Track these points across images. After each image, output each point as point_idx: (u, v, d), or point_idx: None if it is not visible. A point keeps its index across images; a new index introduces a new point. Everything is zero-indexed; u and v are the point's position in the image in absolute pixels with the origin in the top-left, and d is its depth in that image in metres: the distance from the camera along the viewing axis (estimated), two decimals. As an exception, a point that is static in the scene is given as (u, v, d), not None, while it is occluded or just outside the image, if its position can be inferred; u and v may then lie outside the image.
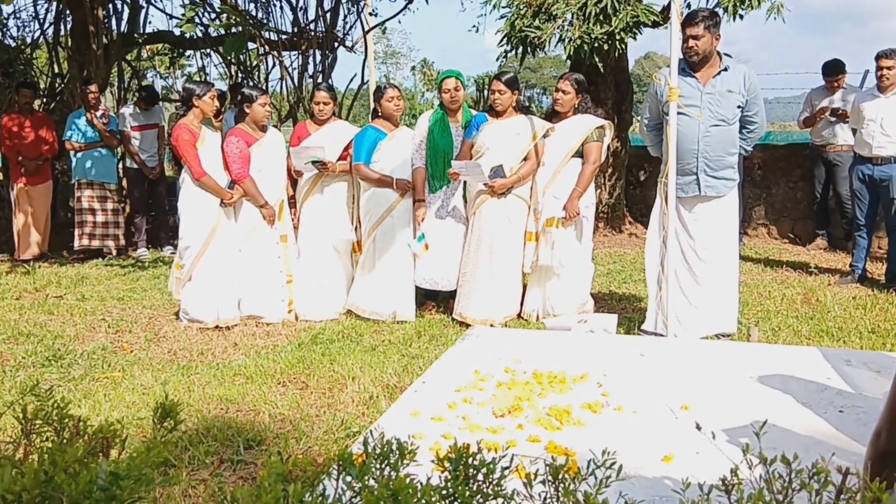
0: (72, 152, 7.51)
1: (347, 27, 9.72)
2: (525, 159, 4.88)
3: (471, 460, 1.07)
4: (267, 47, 8.70)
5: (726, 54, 4.28)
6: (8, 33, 9.48)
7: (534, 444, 2.70)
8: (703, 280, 4.36)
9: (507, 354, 3.77)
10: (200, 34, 9.24)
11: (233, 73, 10.18)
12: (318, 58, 9.44)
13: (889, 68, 5.70)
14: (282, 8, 11.82)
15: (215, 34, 9.23)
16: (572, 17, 6.90)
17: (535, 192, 4.97)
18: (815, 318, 4.91)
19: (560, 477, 1.07)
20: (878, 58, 5.78)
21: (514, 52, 7.32)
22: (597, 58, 6.83)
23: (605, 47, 6.78)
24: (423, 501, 0.96)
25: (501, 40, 7.33)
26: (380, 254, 5.12)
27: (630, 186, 8.73)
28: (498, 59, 7.65)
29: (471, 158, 4.92)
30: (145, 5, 9.66)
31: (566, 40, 6.92)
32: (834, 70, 7.04)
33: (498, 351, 3.85)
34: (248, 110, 5.06)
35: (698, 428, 2.01)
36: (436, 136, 5.04)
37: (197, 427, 3.17)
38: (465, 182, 5.07)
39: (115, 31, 9.38)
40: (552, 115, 5.12)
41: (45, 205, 7.54)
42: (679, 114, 4.15)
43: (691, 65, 4.22)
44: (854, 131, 6.10)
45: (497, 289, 4.91)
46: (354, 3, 9.57)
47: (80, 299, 5.83)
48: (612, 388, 3.28)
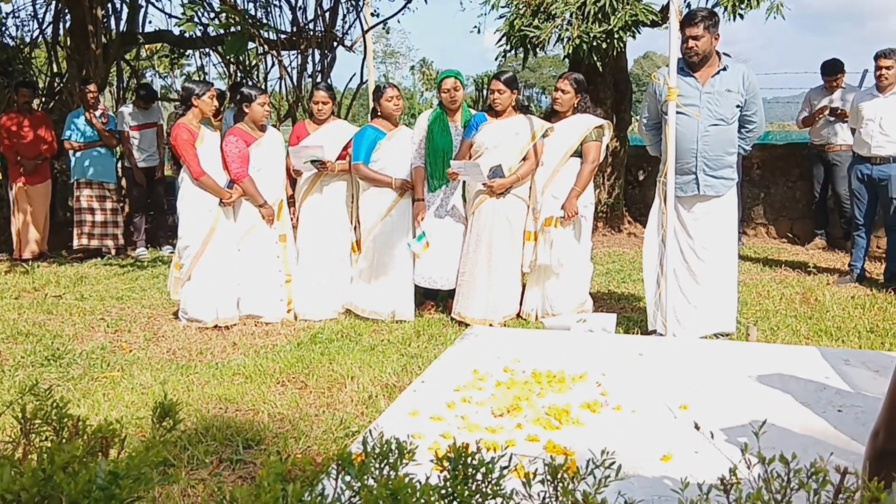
0: (70, 152, 7.51)
1: (346, 27, 9.73)
2: (524, 159, 4.88)
3: (470, 460, 1.07)
4: (266, 46, 8.69)
5: (725, 54, 4.28)
6: (7, 32, 9.48)
7: (533, 443, 2.70)
8: (701, 279, 4.37)
9: (506, 354, 3.77)
10: (199, 34, 9.23)
11: (232, 72, 10.17)
12: (318, 57, 9.44)
13: (888, 68, 5.71)
14: (281, 7, 11.83)
15: (214, 34, 9.22)
16: (571, 17, 6.91)
17: (534, 192, 4.98)
18: (814, 317, 4.91)
19: (559, 476, 1.07)
20: (877, 57, 5.78)
21: (513, 52, 7.33)
22: (595, 57, 6.83)
23: (604, 46, 6.79)
24: (423, 501, 0.96)
25: (500, 40, 7.33)
26: (379, 253, 5.12)
27: (629, 186, 8.73)
28: (497, 59, 7.65)
29: (470, 158, 4.92)
30: (144, 4, 9.67)
31: (565, 39, 6.92)
32: (833, 70, 7.04)
33: (497, 350, 3.85)
34: (246, 110, 5.07)
35: (697, 427, 2.01)
36: (435, 136, 5.04)
37: (196, 426, 3.17)
38: (464, 181, 5.07)
39: (114, 30, 9.38)
40: (551, 115, 5.13)
41: (44, 204, 7.54)
42: (678, 113, 4.15)
43: (690, 64, 4.22)
44: (853, 131, 6.10)
45: (496, 288, 4.91)
46: (354, 3, 9.57)
47: (78, 299, 5.83)
48: (610, 387, 3.28)
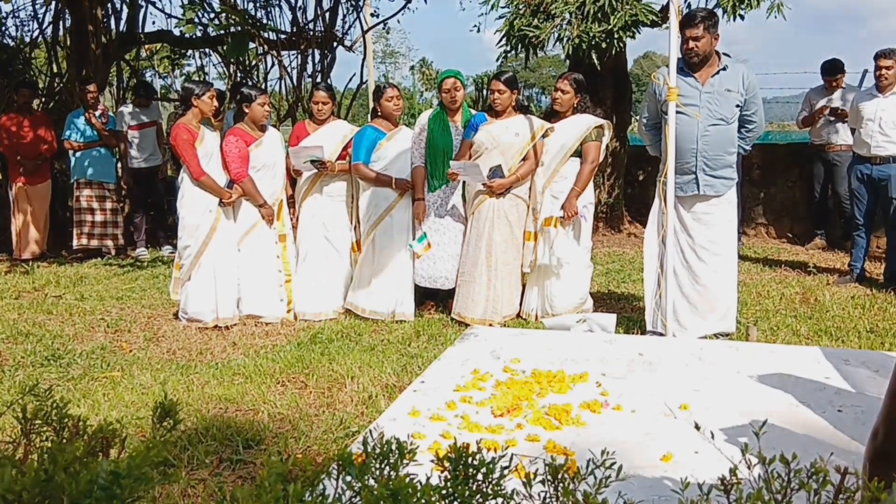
0: (70, 152, 7.51)
1: (346, 27, 9.73)
2: (524, 159, 4.88)
3: (470, 460, 1.07)
4: (266, 47, 8.69)
5: (725, 54, 4.28)
6: (6, 33, 9.48)
7: (533, 443, 2.70)
8: (701, 279, 4.37)
9: (506, 354, 3.77)
10: (199, 34, 9.23)
11: (232, 72, 10.17)
12: (317, 57, 9.44)
13: (888, 68, 5.71)
14: (280, 7, 11.83)
15: (214, 34, 9.22)
16: (571, 17, 6.90)
17: (534, 192, 4.98)
18: (814, 317, 4.91)
19: (559, 476, 1.07)
20: (877, 57, 5.78)
21: (513, 52, 7.32)
22: (595, 56, 6.83)
23: (604, 46, 6.79)
24: (423, 501, 0.96)
25: (500, 40, 7.33)
26: (379, 253, 5.12)
27: (629, 186, 8.73)
28: (498, 59, 7.65)
29: (470, 158, 4.92)
30: (144, 5, 9.66)
31: (564, 39, 6.92)
32: (833, 69, 7.04)
33: (497, 350, 3.85)
34: (246, 110, 5.07)
35: (697, 427, 2.01)
36: (435, 136, 5.04)
37: (196, 427, 3.17)
38: (464, 181, 5.07)
39: (113, 30, 9.38)
40: (551, 115, 5.13)
41: (43, 204, 7.54)
42: (678, 113, 4.15)
43: (690, 64, 4.22)
44: (853, 131, 6.10)
45: (496, 288, 4.91)
46: (354, 3, 9.57)
47: (78, 299, 5.83)
48: (610, 387, 3.28)
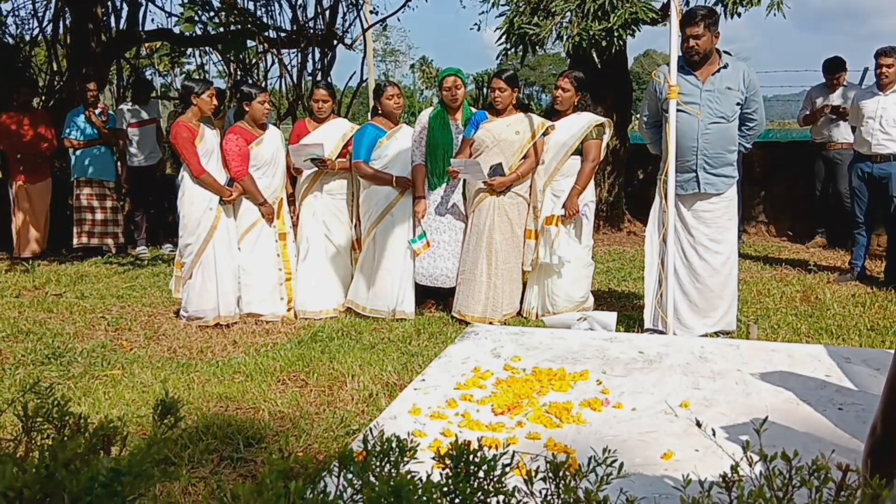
0: (70, 150, 7.51)
1: (346, 25, 9.73)
2: (524, 157, 4.88)
3: (471, 457, 1.07)
4: (266, 45, 8.68)
5: (726, 52, 4.28)
6: (7, 31, 9.48)
7: (534, 441, 2.70)
8: (702, 278, 4.37)
9: (506, 352, 3.77)
10: (199, 32, 9.22)
11: (232, 70, 10.17)
12: (318, 55, 9.44)
13: (888, 66, 5.71)
14: (281, 5, 11.81)
15: (214, 32, 9.22)
16: (571, 14, 6.90)
17: (535, 190, 4.98)
18: (815, 315, 4.91)
19: (560, 474, 1.07)
20: (878, 56, 5.78)
21: (513, 50, 7.31)
22: (595, 55, 6.82)
23: (604, 44, 6.78)
24: (425, 498, 0.96)
25: (500, 38, 7.32)
26: (379, 251, 5.12)
27: (629, 184, 8.73)
28: (498, 58, 7.64)
29: (470, 156, 4.92)
30: (144, 3, 9.66)
31: (564, 37, 6.91)
32: (834, 68, 7.04)
33: (498, 349, 3.85)
34: (247, 108, 5.06)
35: (698, 425, 2.01)
36: (436, 134, 5.04)
37: (197, 425, 3.18)
38: (464, 180, 5.07)
39: (113, 28, 9.37)
40: (552, 113, 5.12)
41: (44, 203, 7.54)
42: (678, 111, 4.15)
43: (691, 63, 4.22)
44: (853, 129, 6.10)
45: (496, 287, 4.91)
46: (354, 2, 9.56)
47: (79, 297, 5.83)
48: (611, 385, 3.28)
